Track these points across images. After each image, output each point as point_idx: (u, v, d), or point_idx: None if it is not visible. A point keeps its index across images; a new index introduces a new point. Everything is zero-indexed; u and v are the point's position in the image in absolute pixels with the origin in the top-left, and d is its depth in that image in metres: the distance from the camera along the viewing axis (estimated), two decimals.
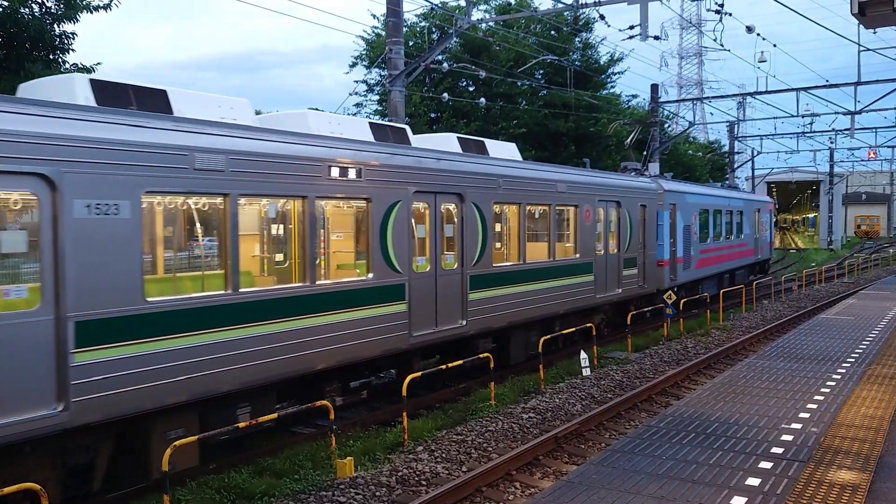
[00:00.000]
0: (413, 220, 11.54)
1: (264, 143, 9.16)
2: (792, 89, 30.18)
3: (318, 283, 9.91)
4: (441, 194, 12.18)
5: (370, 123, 11.82)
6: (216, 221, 9.04)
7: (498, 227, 14.27)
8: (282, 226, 10.30)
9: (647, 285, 19.83)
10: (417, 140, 13.22)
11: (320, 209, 10.20)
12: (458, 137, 13.81)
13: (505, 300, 13.67)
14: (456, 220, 12.54)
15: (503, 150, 15.01)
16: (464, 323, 12.58)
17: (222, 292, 8.69)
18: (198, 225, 9.20)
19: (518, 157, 15.49)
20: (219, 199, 8.76)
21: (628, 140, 23.92)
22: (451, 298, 12.34)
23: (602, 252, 17.35)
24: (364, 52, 32.02)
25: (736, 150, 53.85)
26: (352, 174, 10.37)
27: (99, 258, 7.38)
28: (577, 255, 16.24)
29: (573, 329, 15.75)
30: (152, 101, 8.65)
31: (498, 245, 14.36)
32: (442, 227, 12.26)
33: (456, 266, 12.49)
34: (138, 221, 7.78)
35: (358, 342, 10.46)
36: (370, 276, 10.76)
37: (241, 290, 8.84)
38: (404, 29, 18.64)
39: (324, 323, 9.92)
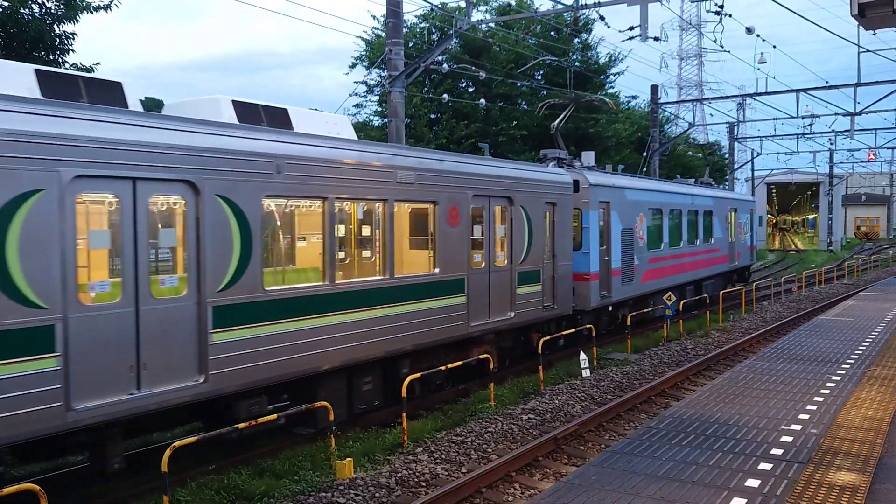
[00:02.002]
0: (77, 224, 7.45)
1: None
2: (792, 90, 30.22)
3: None
4: (148, 182, 7.93)
5: (37, 71, 8.05)
6: None
7: (281, 234, 10.36)
8: None
9: (559, 305, 15.53)
10: (168, 108, 10.12)
11: None
12: (233, 101, 9.82)
13: (294, 339, 9.50)
14: (185, 221, 8.42)
15: (321, 125, 10.95)
16: (200, 380, 8.37)
17: None
18: None
19: (349, 133, 11.53)
20: None
21: (556, 122, 19.46)
22: (175, 342, 8.16)
23: (481, 265, 13.21)
24: (364, 53, 32.08)
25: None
26: None
27: None
28: (437, 270, 12.04)
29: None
30: None
31: (283, 259, 10.53)
32: (153, 232, 8.14)
33: (186, 292, 8.33)
34: None
35: None
36: None
37: None
38: (404, 30, 18.65)
39: None
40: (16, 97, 7.20)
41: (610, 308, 18.10)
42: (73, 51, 16.04)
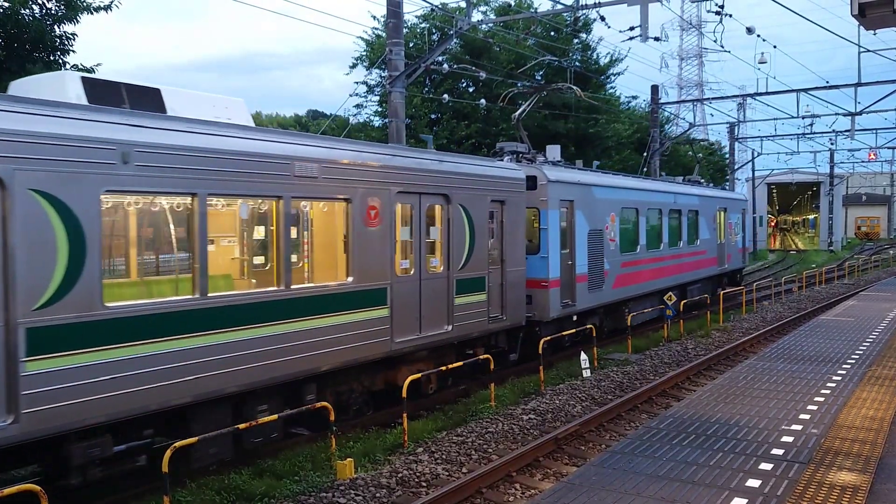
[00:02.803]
0: None
1: None
2: (792, 90, 30.23)
3: None
4: None
5: None
6: None
7: (133, 237, 8.75)
8: None
9: (509, 316, 13.90)
10: (11, 87, 8.79)
11: None
12: (83, 78, 8.44)
13: (151, 365, 7.85)
14: None
15: (207, 109, 9.31)
16: (8, 421, 6.79)
17: None
18: None
19: (243, 119, 9.81)
20: None
21: (517, 113, 17.47)
22: None
23: (410, 272, 11.61)
24: (364, 54, 32.12)
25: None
26: None
27: None
28: (351, 279, 10.40)
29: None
30: None
31: (137, 268, 8.81)
32: None
33: None
34: None
35: None
36: None
37: None
38: (404, 30, 18.66)
39: None
40: None
41: (575, 318, 16.34)
42: (73, 51, 16.10)
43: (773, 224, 74.43)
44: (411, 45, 28.41)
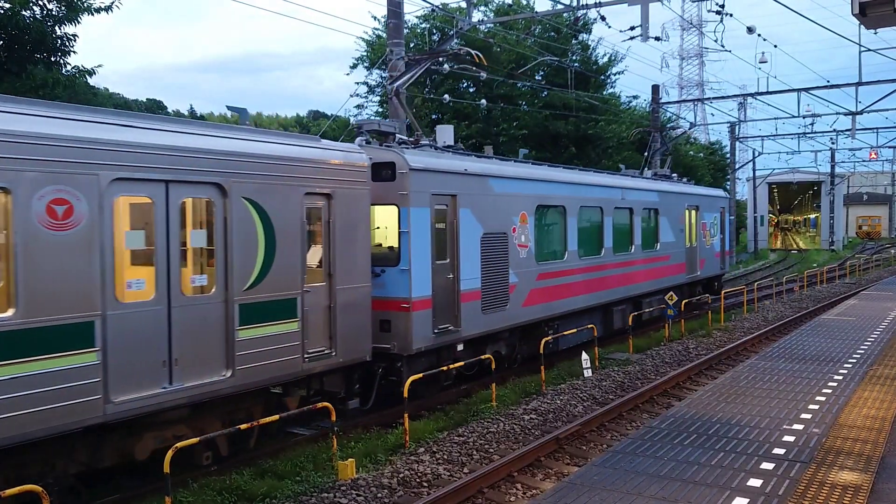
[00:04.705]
0: None
1: None
2: (793, 90, 30.24)
3: None
4: None
5: None
6: None
7: None
8: None
9: (342, 350, 10.45)
10: None
11: None
12: None
13: None
14: None
15: None
16: None
17: None
18: None
19: None
20: None
21: (396, 84, 14.72)
22: None
23: (149, 295, 8.13)
24: (365, 54, 32.15)
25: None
26: None
27: None
28: (13, 312, 6.89)
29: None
30: None
31: None
32: None
33: None
34: None
35: None
36: None
37: None
38: (405, 31, 18.66)
39: None
40: None
41: (461, 347, 12.84)
42: (74, 52, 16.14)
43: (774, 223, 74.42)
44: (412, 45, 28.43)
